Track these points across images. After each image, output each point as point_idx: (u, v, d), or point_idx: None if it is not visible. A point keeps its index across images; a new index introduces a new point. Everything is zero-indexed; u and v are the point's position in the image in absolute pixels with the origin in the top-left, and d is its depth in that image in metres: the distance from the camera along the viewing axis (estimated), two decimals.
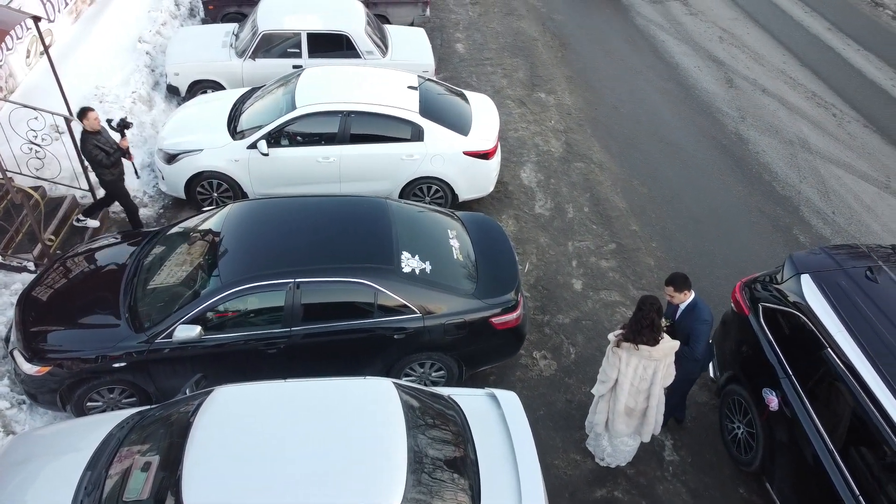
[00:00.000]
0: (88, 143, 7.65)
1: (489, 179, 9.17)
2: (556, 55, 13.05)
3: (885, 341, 5.35)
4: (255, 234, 6.68)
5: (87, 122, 7.58)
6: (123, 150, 7.97)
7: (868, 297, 5.73)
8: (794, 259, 6.28)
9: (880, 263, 6.09)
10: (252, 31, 10.56)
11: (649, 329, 5.47)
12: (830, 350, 5.48)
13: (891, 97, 11.81)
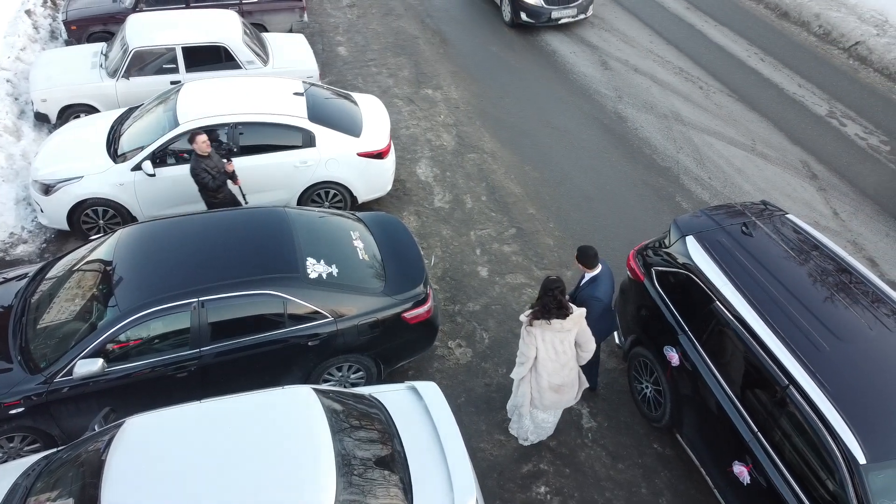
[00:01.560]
0: (197, 166, 7.48)
1: (386, 179, 9.22)
2: (439, 51, 13.25)
3: (765, 289, 5.82)
4: (150, 257, 6.43)
5: (196, 145, 7.46)
6: (229, 173, 7.76)
7: (746, 251, 6.21)
8: (678, 223, 6.71)
9: (753, 219, 6.60)
10: (123, 49, 10.12)
11: (557, 308, 5.71)
12: (719, 303, 5.91)
13: (748, 67, 12.74)
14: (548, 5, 13.25)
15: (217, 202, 7.88)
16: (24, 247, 8.54)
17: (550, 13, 13.28)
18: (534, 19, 13.37)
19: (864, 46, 12.92)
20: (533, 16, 13.35)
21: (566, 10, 13.36)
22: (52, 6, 13.14)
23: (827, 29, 13.61)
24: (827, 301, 5.77)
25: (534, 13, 13.33)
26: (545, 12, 13.27)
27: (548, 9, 13.25)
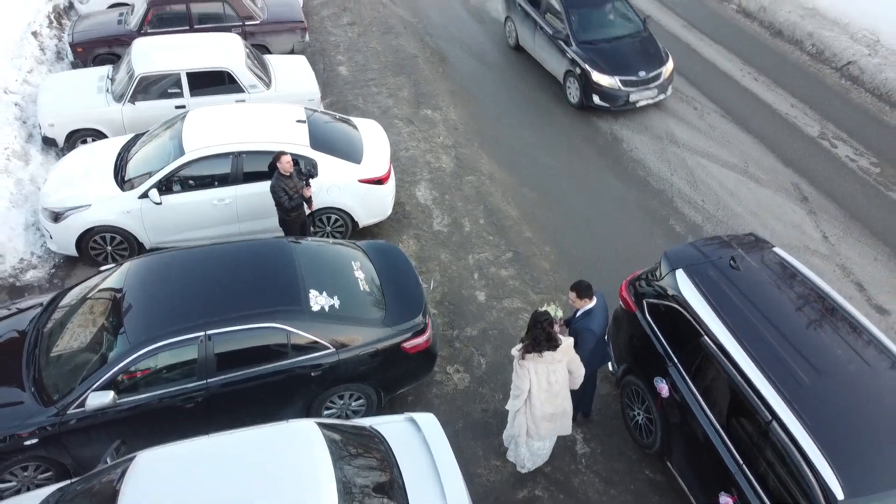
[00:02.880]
0: (277, 184, 7.98)
1: (386, 204, 9.45)
2: (437, 71, 13.47)
3: (751, 323, 6.05)
4: (158, 290, 6.67)
5: (280, 164, 7.95)
6: (305, 197, 8.24)
7: (734, 285, 6.44)
8: (668, 256, 6.93)
9: (741, 252, 6.83)
10: (128, 75, 10.35)
11: (546, 341, 5.95)
12: (706, 337, 6.13)
13: (741, 86, 12.96)
14: (625, 87, 11.63)
15: (289, 221, 8.35)
16: (33, 272, 8.77)
17: (628, 96, 11.67)
18: (609, 103, 11.73)
19: (855, 66, 13.15)
20: (608, 99, 11.70)
21: (646, 92, 11.79)
22: (58, 27, 13.37)
23: (820, 48, 13.84)
24: (809, 335, 6.00)
25: (609, 96, 11.67)
26: (622, 95, 11.65)
27: (625, 91, 11.64)
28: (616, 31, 12.46)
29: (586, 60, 11.79)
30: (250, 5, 12.62)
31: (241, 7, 12.45)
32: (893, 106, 12.37)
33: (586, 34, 12.19)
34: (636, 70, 11.73)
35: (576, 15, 12.33)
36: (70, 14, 14.01)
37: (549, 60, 12.79)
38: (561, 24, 12.35)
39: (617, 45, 12.15)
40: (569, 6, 12.35)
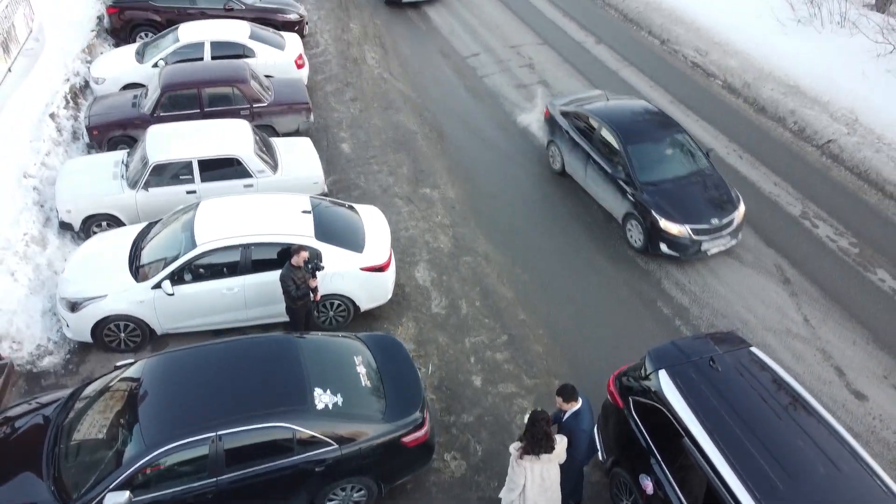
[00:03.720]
0: (287, 274, 8.55)
1: (387, 289, 9.92)
2: (436, 147, 14.08)
3: (729, 427, 6.46)
4: (172, 389, 7.09)
5: (296, 258, 8.58)
6: (311, 288, 8.75)
7: (713, 386, 6.87)
8: (652, 356, 7.37)
9: (721, 352, 7.28)
10: (143, 162, 10.91)
11: (545, 440, 6.37)
12: (687, 439, 6.53)
13: (727, 164, 13.47)
14: (697, 235, 10.70)
15: (295, 309, 8.85)
16: (50, 358, 9.18)
17: (700, 244, 10.75)
18: (678, 252, 10.82)
19: (836, 145, 13.77)
20: (677, 248, 10.77)
21: (718, 240, 10.90)
22: (74, 107, 14.00)
23: (801, 126, 14.48)
24: (784, 438, 6.41)
25: (679, 245, 10.75)
26: (693, 245, 10.72)
27: (697, 240, 10.69)
28: (680, 168, 11.49)
29: (652, 206, 10.80)
30: (258, 89, 13.27)
31: (249, 90, 13.09)
32: (871, 184, 12.93)
33: (649, 174, 11.20)
34: (707, 216, 10.82)
35: (636, 153, 11.35)
36: (85, 93, 14.67)
37: (606, 198, 11.82)
38: (619, 161, 11.44)
39: (683, 186, 11.19)
40: (627, 142, 11.39)
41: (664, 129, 11.95)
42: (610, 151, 11.69)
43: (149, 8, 16.48)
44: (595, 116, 12.13)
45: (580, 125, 12.38)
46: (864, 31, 15.91)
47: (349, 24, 19.21)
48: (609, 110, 12.32)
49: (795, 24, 17.18)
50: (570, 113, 12.63)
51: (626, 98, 13.56)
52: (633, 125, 11.88)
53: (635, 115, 12.27)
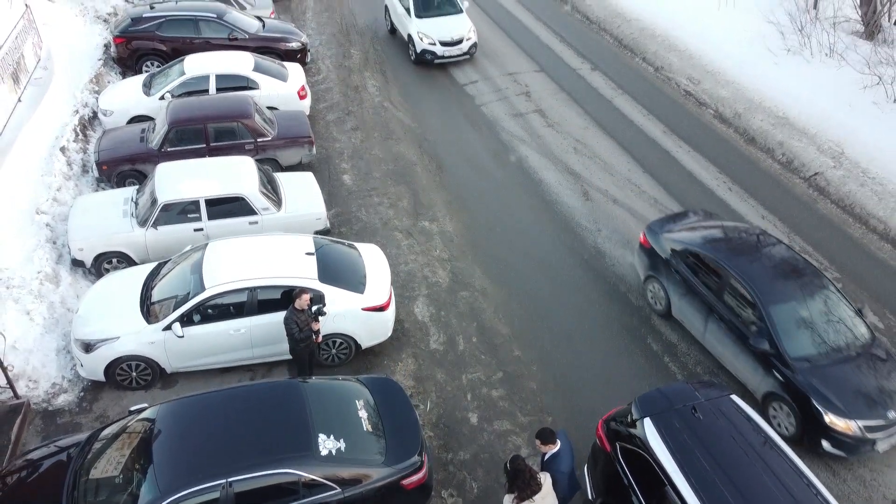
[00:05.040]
0: (290, 317, 8.96)
1: (387, 327, 10.34)
2: (435, 179, 14.49)
3: (709, 476, 6.90)
4: (184, 436, 7.50)
5: (299, 301, 8.98)
6: (314, 331, 9.17)
7: (695, 435, 7.31)
8: (639, 403, 7.79)
9: (702, 399, 7.70)
10: (151, 201, 11.32)
11: (532, 480, 6.79)
12: (670, 488, 6.95)
13: (717, 196, 13.97)
14: (870, 433, 8.64)
15: (298, 350, 9.25)
16: (64, 396, 9.59)
17: (873, 443, 8.72)
18: (844, 452, 8.79)
19: (822, 177, 14.20)
20: (845, 447, 8.74)
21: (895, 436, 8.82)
22: (83, 139, 14.41)
23: (790, 157, 14.91)
24: (760, 486, 6.84)
25: (847, 445, 8.71)
26: (864, 444, 8.71)
27: (869, 438, 8.66)
28: (837, 337, 9.27)
29: (812, 393, 8.72)
30: (261, 123, 13.68)
31: (253, 125, 13.51)
32: (856, 218, 13.35)
33: (800, 345, 9.06)
34: (881, 407, 8.68)
35: (780, 316, 9.18)
36: (94, 124, 15.08)
37: (738, 367, 9.77)
38: (756, 325, 9.27)
39: (845, 364, 9.01)
40: (767, 302, 9.26)
41: (807, 281, 9.72)
42: (739, 305, 9.59)
43: (155, 38, 16.90)
44: (718, 262, 9.91)
45: (695, 266, 10.23)
46: (851, 62, 16.34)
47: (350, 51, 19.64)
48: (735, 252, 10.10)
49: (786, 53, 17.61)
50: (681, 251, 10.46)
51: (742, 227, 11.34)
52: (770, 276, 9.65)
53: (769, 259, 10.01)
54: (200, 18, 17.05)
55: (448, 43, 18.23)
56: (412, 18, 18.54)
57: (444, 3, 19.16)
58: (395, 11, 19.63)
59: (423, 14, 18.63)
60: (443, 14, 18.81)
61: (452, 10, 19.04)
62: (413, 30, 18.42)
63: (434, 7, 18.95)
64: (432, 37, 18.16)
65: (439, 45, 18.16)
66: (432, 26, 18.35)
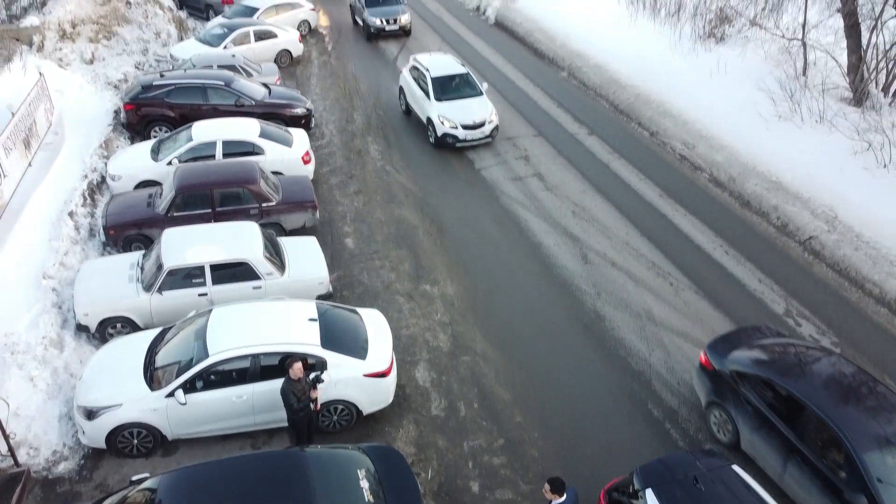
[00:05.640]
0: (287, 388, 8.97)
1: (389, 393, 10.39)
2: (436, 242, 14.72)
3: None
4: None
5: (291, 370, 8.99)
6: (312, 399, 9.19)
7: None
8: (640, 473, 7.81)
9: (703, 469, 7.72)
10: (157, 266, 11.50)
11: None
12: None
13: (713, 260, 14.17)
14: None
15: (297, 420, 9.23)
16: (65, 464, 9.57)
17: None
18: None
19: (817, 241, 14.42)
20: None
21: None
22: (91, 203, 14.70)
23: (784, 221, 15.18)
24: None
25: None
26: None
27: None
28: None
29: None
30: (266, 188, 13.99)
31: (258, 190, 13.81)
32: (852, 282, 13.52)
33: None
34: None
35: (878, 465, 7.90)
36: (102, 189, 15.40)
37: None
38: (848, 471, 8.09)
39: None
40: (861, 448, 8.01)
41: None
42: (826, 448, 8.38)
43: (164, 105, 17.41)
44: (797, 396, 8.76)
45: (770, 397, 9.13)
46: (840, 128, 16.79)
47: (353, 115, 20.18)
48: (815, 384, 8.97)
49: (777, 119, 18.10)
50: (752, 378, 9.41)
51: (817, 349, 10.23)
52: (860, 416, 8.42)
53: (855, 394, 8.85)
54: (209, 86, 17.60)
55: (470, 126, 17.84)
56: (432, 101, 18.26)
57: (464, 85, 18.83)
58: (413, 93, 19.29)
59: (443, 97, 18.32)
60: (463, 96, 18.47)
61: (473, 92, 18.72)
62: (433, 113, 18.09)
63: (454, 89, 18.63)
64: (454, 120, 17.79)
65: (461, 128, 17.78)
66: (453, 109, 18.01)
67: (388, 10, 26.07)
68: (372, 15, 25.75)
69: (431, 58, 19.78)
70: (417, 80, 19.14)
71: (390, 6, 26.22)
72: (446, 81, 18.67)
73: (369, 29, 25.76)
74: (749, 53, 21.73)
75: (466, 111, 18.04)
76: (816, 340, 11.43)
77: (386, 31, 25.84)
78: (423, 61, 19.28)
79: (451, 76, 18.81)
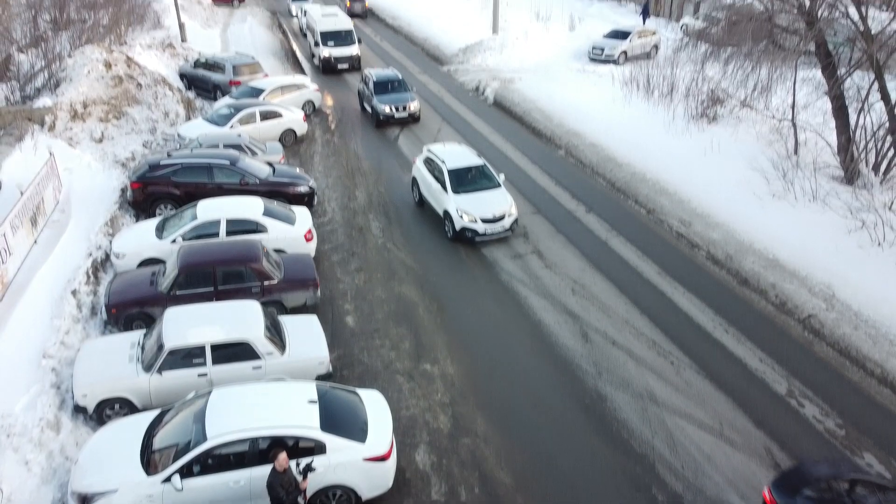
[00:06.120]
0: (274, 481, 8.77)
1: (388, 477, 10.22)
2: (436, 320, 14.75)
3: None
4: None
5: (277, 462, 8.79)
6: (301, 490, 8.99)
7: None
8: None
9: None
10: (158, 346, 11.50)
11: None
12: None
13: (713, 339, 14.17)
14: None
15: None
16: None
17: None
18: None
19: (816, 320, 14.46)
20: None
21: None
22: (94, 281, 14.81)
23: (783, 299, 15.26)
24: None
25: None
26: None
27: None
28: None
29: None
30: (268, 267, 14.13)
31: (260, 269, 13.95)
32: (853, 361, 13.49)
33: None
34: None
35: None
36: (106, 266, 15.54)
37: None
38: None
39: None
40: None
41: None
42: None
43: (170, 183, 17.77)
44: None
45: None
46: (833, 207, 17.12)
47: (355, 193, 20.56)
48: None
49: (771, 197, 18.46)
50: None
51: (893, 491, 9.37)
52: None
53: None
54: (214, 165, 18.00)
55: (490, 220, 17.26)
56: (449, 194, 17.69)
57: (481, 176, 18.35)
58: (428, 185, 18.75)
59: (460, 189, 17.77)
60: (481, 189, 17.95)
61: (490, 184, 18.20)
62: (451, 206, 17.49)
63: (471, 181, 18.12)
64: (473, 214, 17.19)
65: (480, 222, 17.20)
66: (472, 202, 17.44)
67: (397, 97, 25.67)
68: (381, 102, 25.35)
69: (446, 148, 19.33)
70: (433, 172, 18.64)
71: (399, 93, 25.87)
72: (463, 173, 18.16)
73: (378, 116, 25.35)
74: (741, 133, 22.38)
75: (485, 204, 17.48)
76: (882, 475, 10.76)
77: (395, 119, 25.45)
78: (438, 152, 18.82)
79: (467, 168, 18.31)
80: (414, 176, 19.72)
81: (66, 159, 18.81)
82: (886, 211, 16.43)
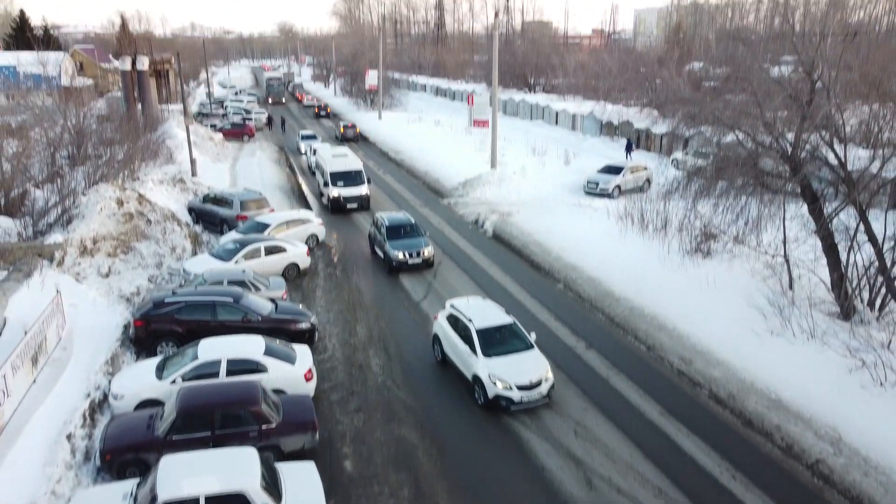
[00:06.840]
0: None
1: None
2: (436, 465, 14.43)
3: None
4: None
5: None
6: None
7: None
8: None
9: None
10: (151, 498, 11.20)
11: None
12: None
13: (721, 485, 13.80)
14: None
15: None
16: None
17: None
18: None
19: (825, 465, 14.14)
20: None
21: None
22: (91, 423, 14.63)
23: (789, 442, 14.99)
24: None
25: None
26: None
27: None
28: None
29: None
30: (267, 410, 14.01)
31: (259, 413, 13.83)
32: None
33: None
34: None
35: None
36: (103, 408, 15.40)
37: None
38: None
39: None
40: None
41: None
42: None
43: (173, 321, 17.96)
44: None
45: None
46: (832, 345, 17.16)
47: (356, 328, 20.70)
48: None
49: (769, 334, 18.54)
50: None
51: None
52: None
53: None
54: (218, 303, 18.26)
55: (526, 387, 15.77)
56: (479, 357, 16.27)
57: (512, 336, 17.00)
58: (453, 345, 17.36)
59: (491, 352, 16.33)
60: (513, 351, 16.59)
61: (522, 345, 16.84)
62: (481, 371, 16.05)
63: (501, 342, 16.74)
64: (507, 380, 15.72)
65: (516, 389, 15.71)
66: (505, 367, 15.99)
67: (410, 242, 24.99)
68: (394, 248, 24.60)
69: (470, 304, 18.13)
70: (458, 331, 17.36)
71: (413, 238, 25.26)
72: (492, 333, 16.83)
73: (391, 262, 24.55)
74: (736, 268, 22.80)
75: (520, 369, 16.02)
76: None
77: (409, 265, 24.72)
78: (463, 309, 17.63)
79: (497, 327, 17.02)
80: (435, 333, 18.40)
81: (71, 295, 19.11)
82: (885, 351, 16.47)
